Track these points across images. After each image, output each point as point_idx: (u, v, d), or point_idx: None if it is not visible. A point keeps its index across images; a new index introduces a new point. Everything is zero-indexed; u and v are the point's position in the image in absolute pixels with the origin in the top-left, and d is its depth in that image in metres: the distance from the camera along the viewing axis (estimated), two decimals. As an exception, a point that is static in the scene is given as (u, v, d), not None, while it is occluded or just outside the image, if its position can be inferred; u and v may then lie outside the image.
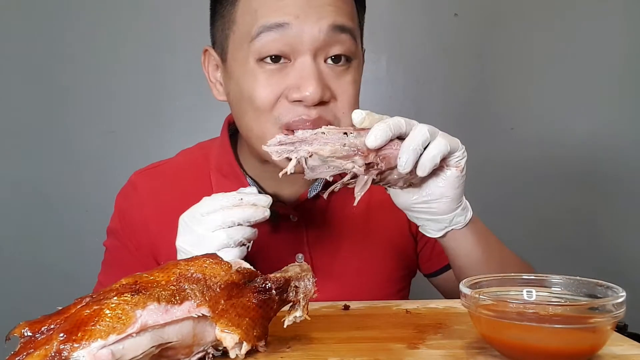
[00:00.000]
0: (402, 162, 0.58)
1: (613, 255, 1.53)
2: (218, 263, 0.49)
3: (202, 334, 0.47)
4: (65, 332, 0.41)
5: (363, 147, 0.58)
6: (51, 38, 1.47)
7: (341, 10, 0.67)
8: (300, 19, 0.64)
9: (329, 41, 0.66)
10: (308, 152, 0.58)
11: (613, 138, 1.53)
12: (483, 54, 1.52)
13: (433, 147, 0.59)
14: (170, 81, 1.49)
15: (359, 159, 0.58)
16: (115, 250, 0.82)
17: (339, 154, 0.58)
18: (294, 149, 0.58)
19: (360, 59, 0.74)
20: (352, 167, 0.59)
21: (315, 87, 0.65)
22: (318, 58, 0.67)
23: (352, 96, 0.70)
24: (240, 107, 0.71)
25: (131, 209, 0.81)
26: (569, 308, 0.49)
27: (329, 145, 0.58)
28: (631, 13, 1.50)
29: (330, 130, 0.59)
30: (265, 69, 0.67)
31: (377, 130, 0.57)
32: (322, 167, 0.59)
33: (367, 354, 0.51)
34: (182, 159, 0.86)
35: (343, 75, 0.69)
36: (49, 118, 1.48)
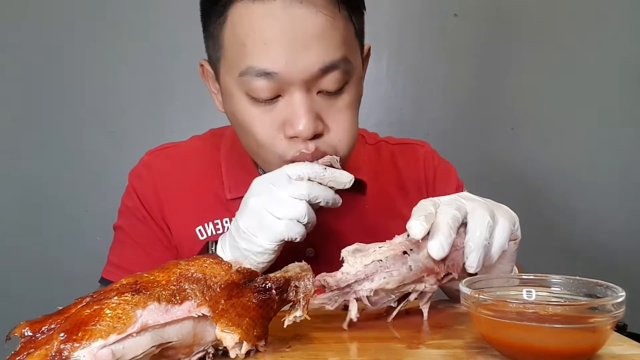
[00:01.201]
0: (471, 262, 0.53)
1: (613, 255, 1.53)
2: (218, 263, 0.49)
3: (202, 334, 0.47)
4: (65, 331, 0.41)
5: (429, 262, 0.52)
6: (51, 38, 1.47)
7: (330, 43, 0.64)
8: (288, 65, 0.62)
9: (320, 79, 0.65)
10: (371, 290, 0.51)
11: (613, 138, 1.53)
12: (483, 54, 1.52)
13: (499, 236, 0.55)
14: (170, 81, 1.49)
15: (430, 278, 0.52)
16: (132, 228, 0.81)
17: (408, 281, 0.51)
18: (351, 290, 0.51)
19: (359, 68, 0.72)
20: (424, 287, 0.53)
21: (307, 123, 0.64)
22: (310, 92, 0.66)
23: (347, 123, 0.69)
24: (241, 131, 0.71)
25: (146, 187, 0.81)
26: (568, 308, 0.49)
27: (394, 275, 0.51)
28: (633, 13, 1.50)
29: (387, 255, 0.51)
30: (257, 105, 0.66)
31: (441, 239, 0.51)
32: (386, 297, 0.53)
33: (367, 353, 0.51)
34: (194, 144, 0.87)
35: (336, 102, 0.68)
36: (49, 118, 1.48)
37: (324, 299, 0.52)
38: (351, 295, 0.51)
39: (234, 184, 0.79)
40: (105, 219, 1.48)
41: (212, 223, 0.79)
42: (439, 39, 1.50)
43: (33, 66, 1.47)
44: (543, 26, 1.50)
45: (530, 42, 1.51)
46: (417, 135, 1.48)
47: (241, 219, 0.64)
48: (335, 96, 0.67)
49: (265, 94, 0.64)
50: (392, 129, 1.49)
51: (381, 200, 0.84)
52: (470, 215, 0.54)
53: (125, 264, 0.79)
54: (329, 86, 0.65)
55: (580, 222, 1.54)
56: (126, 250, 0.81)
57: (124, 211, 0.83)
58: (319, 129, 0.66)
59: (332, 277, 0.52)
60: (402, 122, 1.50)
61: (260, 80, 0.63)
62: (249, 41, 0.63)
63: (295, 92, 0.64)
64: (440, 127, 1.51)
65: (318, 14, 0.62)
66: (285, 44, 0.62)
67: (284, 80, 0.63)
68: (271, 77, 0.63)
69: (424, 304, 0.56)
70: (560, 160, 1.53)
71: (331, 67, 0.64)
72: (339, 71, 0.65)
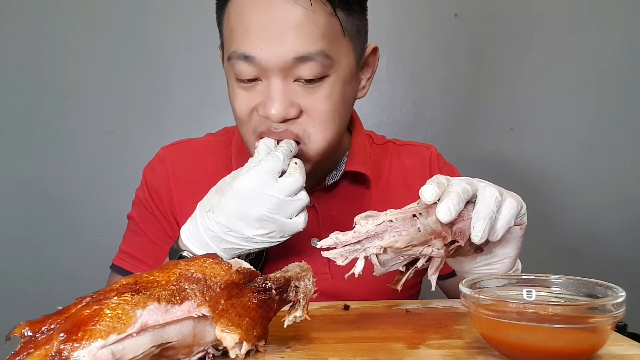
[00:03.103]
0: (476, 231, 0.54)
1: (613, 255, 1.53)
2: (218, 263, 0.49)
3: (202, 334, 0.47)
4: (65, 332, 0.41)
5: (437, 226, 0.53)
6: (51, 38, 1.47)
7: (306, 35, 0.67)
8: (264, 50, 0.67)
9: (295, 68, 0.68)
10: (380, 248, 0.52)
11: (613, 137, 1.53)
12: (483, 54, 1.52)
13: (506, 211, 0.56)
14: (170, 81, 1.49)
15: (437, 241, 0.53)
16: (142, 219, 0.85)
17: (416, 242, 0.53)
18: (361, 247, 0.53)
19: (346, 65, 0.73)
20: (431, 252, 0.54)
21: (278, 107, 0.69)
22: (287, 78, 0.69)
23: (323, 111, 0.71)
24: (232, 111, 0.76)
25: (157, 180, 0.85)
26: (568, 308, 0.49)
27: (403, 234, 0.52)
28: (632, 13, 1.50)
29: (397, 216, 0.53)
30: (241, 86, 0.72)
31: (449, 203, 0.53)
32: (396, 259, 0.54)
33: (367, 353, 0.51)
34: (208, 140, 0.91)
35: (314, 92, 0.70)
36: (49, 118, 1.48)
37: (335, 255, 0.53)
38: (361, 253, 0.53)
39: None
40: (105, 219, 1.50)
41: None
42: (439, 39, 1.50)
43: (33, 66, 1.47)
44: (543, 26, 1.50)
45: (530, 42, 1.51)
46: (417, 135, 1.49)
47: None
48: (313, 86, 0.70)
49: (246, 76, 0.70)
50: (392, 129, 1.49)
51: (386, 196, 0.85)
52: (480, 191, 0.56)
53: (134, 252, 0.84)
54: (305, 75, 0.69)
55: (580, 221, 1.54)
56: (136, 239, 0.85)
57: (136, 203, 0.87)
58: (290, 114, 0.70)
59: (344, 234, 0.53)
60: (402, 122, 1.50)
61: (241, 63, 0.69)
62: (236, 27, 0.70)
63: (272, 77, 0.69)
64: (440, 127, 1.51)
65: (295, 6, 0.67)
66: (264, 31, 0.67)
67: (262, 65, 0.68)
68: (250, 61, 0.69)
69: (432, 273, 0.56)
70: (560, 160, 1.52)
71: (306, 57, 0.68)
72: (315, 63, 0.68)
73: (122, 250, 0.85)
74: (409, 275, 0.56)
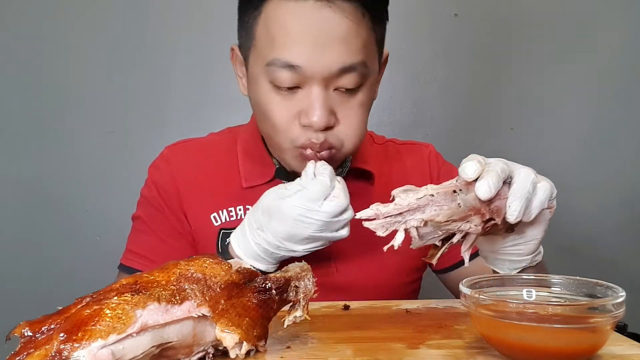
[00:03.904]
0: (513, 210, 0.55)
1: (613, 255, 1.53)
2: (218, 263, 0.49)
3: (202, 334, 0.47)
4: (65, 332, 0.41)
5: (476, 203, 0.54)
6: (51, 38, 1.47)
7: (351, 47, 0.69)
8: (310, 60, 0.68)
9: (338, 78, 0.71)
10: (421, 221, 0.53)
11: (612, 137, 1.53)
12: (483, 54, 1.52)
13: (541, 193, 0.57)
14: (170, 81, 1.49)
15: (476, 218, 0.54)
16: (150, 218, 0.85)
17: (456, 217, 0.54)
18: (402, 220, 0.53)
19: (375, 73, 0.77)
20: (469, 228, 0.54)
21: (320, 115, 0.70)
22: (327, 88, 0.71)
23: (356, 120, 0.74)
24: (260, 116, 0.76)
25: (164, 179, 0.85)
26: (568, 308, 0.49)
27: (444, 209, 0.53)
28: (632, 13, 1.50)
29: (438, 191, 0.54)
30: (279, 93, 0.72)
31: (489, 180, 0.54)
32: (434, 233, 0.55)
33: (367, 353, 0.51)
34: (212, 139, 0.92)
35: (350, 100, 0.73)
36: (49, 118, 1.48)
37: (376, 225, 0.54)
38: (401, 225, 0.53)
39: (249, 173, 0.84)
40: (105, 219, 1.50)
41: (227, 210, 0.83)
42: (439, 39, 1.50)
43: (33, 66, 1.47)
44: (543, 26, 1.50)
45: (530, 42, 1.51)
46: (417, 135, 1.49)
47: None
48: (350, 95, 0.73)
49: (287, 84, 0.70)
50: (392, 128, 1.49)
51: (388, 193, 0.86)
52: (516, 172, 0.57)
53: (143, 251, 0.83)
54: (346, 85, 0.71)
55: (580, 221, 1.54)
56: (144, 238, 0.84)
57: (142, 202, 0.87)
58: (330, 122, 0.72)
59: (385, 206, 0.54)
60: (402, 122, 1.50)
61: (284, 72, 0.69)
62: (278, 35, 0.69)
63: (314, 86, 0.70)
64: (440, 127, 1.51)
65: (344, 19, 0.68)
66: (311, 42, 0.68)
67: (306, 74, 0.69)
68: (294, 70, 0.69)
69: (465, 249, 0.57)
70: (560, 160, 1.52)
71: (350, 68, 0.70)
72: (356, 73, 0.71)
73: (130, 250, 0.85)
74: (444, 249, 0.57)
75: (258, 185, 0.82)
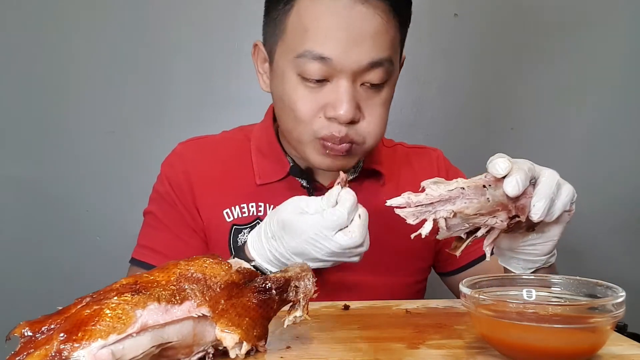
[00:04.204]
0: (537, 209, 0.57)
1: (613, 255, 1.53)
2: (218, 263, 0.49)
3: (202, 334, 0.47)
4: (65, 332, 0.41)
5: (504, 199, 0.56)
6: (51, 38, 1.47)
7: (381, 42, 0.72)
8: (342, 54, 0.71)
9: (366, 72, 0.73)
10: (451, 212, 0.55)
11: (612, 137, 1.53)
12: (483, 54, 1.52)
13: (564, 194, 0.59)
14: (170, 81, 1.49)
15: (502, 213, 0.56)
16: (164, 214, 0.85)
17: (484, 211, 0.55)
18: (432, 210, 0.55)
19: (396, 74, 0.79)
20: (495, 223, 0.56)
21: (347, 109, 0.71)
22: (355, 82, 0.73)
23: (379, 117, 0.76)
24: (282, 109, 0.77)
25: (177, 175, 0.85)
26: (568, 308, 0.49)
27: (474, 202, 0.55)
28: (633, 13, 1.50)
29: (469, 184, 0.56)
30: (306, 85, 0.73)
31: (518, 177, 0.55)
32: (460, 225, 0.56)
33: (367, 353, 0.51)
34: (224, 136, 0.93)
35: (375, 97, 0.75)
36: (49, 118, 1.48)
37: (407, 213, 0.56)
38: (431, 215, 0.55)
39: (263, 170, 0.85)
40: (105, 219, 1.50)
41: (239, 207, 0.83)
42: (439, 39, 1.50)
43: (33, 66, 1.47)
44: (542, 26, 1.50)
45: (529, 42, 1.51)
46: (417, 135, 1.49)
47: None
48: (375, 91, 0.75)
49: (316, 76, 0.72)
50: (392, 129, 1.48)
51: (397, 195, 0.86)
52: (541, 173, 0.59)
53: (155, 246, 0.83)
54: (372, 80, 0.73)
55: (580, 221, 1.53)
56: (156, 233, 0.85)
57: (155, 197, 0.87)
58: (356, 117, 0.74)
59: (416, 195, 0.56)
60: (402, 122, 1.50)
61: (314, 63, 0.71)
62: (311, 28, 0.71)
63: (342, 79, 0.72)
64: (440, 127, 1.51)
65: (375, 16, 0.71)
66: (344, 36, 0.70)
67: (336, 67, 0.71)
68: (325, 62, 0.71)
69: (489, 244, 0.58)
70: (560, 160, 1.52)
71: (378, 63, 0.72)
72: (383, 69, 0.73)
73: (142, 245, 0.85)
74: (469, 242, 0.58)
75: (272, 183, 0.83)
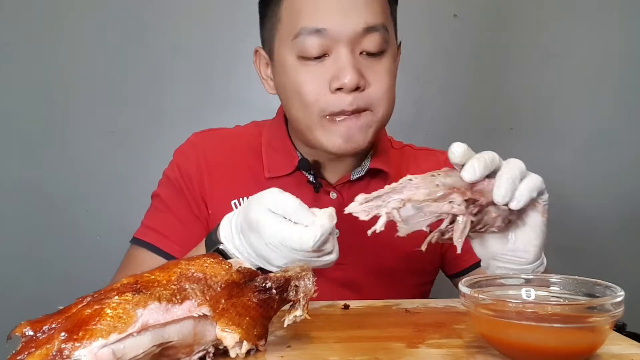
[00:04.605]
0: (499, 192, 0.55)
1: (612, 255, 1.53)
2: (219, 263, 0.49)
3: (202, 333, 0.47)
4: (66, 331, 0.41)
5: (456, 183, 0.55)
6: (51, 38, 1.47)
7: (373, 8, 0.75)
8: (336, 23, 0.73)
9: (363, 38, 0.75)
10: (400, 201, 0.54)
11: (612, 137, 1.53)
12: (483, 55, 1.52)
13: (530, 180, 0.57)
14: (170, 81, 1.49)
15: (456, 196, 0.54)
16: (170, 198, 0.87)
17: (435, 196, 0.54)
18: (383, 203, 0.54)
19: (394, 48, 0.81)
20: (451, 208, 0.54)
21: (352, 75, 0.73)
22: (354, 51, 0.75)
23: (385, 83, 0.78)
24: (288, 100, 0.79)
25: (189, 163, 0.87)
26: (567, 307, 0.49)
27: (420, 188, 0.54)
28: (631, 12, 1.50)
29: (417, 176, 0.55)
30: (307, 65, 0.75)
31: (474, 162, 0.55)
32: (417, 216, 0.55)
33: (367, 353, 0.51)
34: (237, 129, 0.95)
35: (376, 65, 0.77)
36: (49, 118, 1.48)
37: (359, 210, 0.56)
38: (382, 208, 0.55)
39: (272, 165, 0.86)
40: (105, 219, 1.50)
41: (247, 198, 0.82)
42: (439, 39, 1.51)
43: (33, 66, 1.48)
44: (542, 26, 1.51)
45: (529, 43, 1.51)
46: (417, 135, 1.49)
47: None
48: (376, 59, 0.77)
49: (315, 50, 0.74)
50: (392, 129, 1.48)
51: None
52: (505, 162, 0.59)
53: (158, 227, 0.85)
54: (370, 47, 0.75)
55: (579, 221, 1.54)
56: (161, 215, 0.86)
57: (164, 182, 0.89)
58: (361, 83, 0.75)
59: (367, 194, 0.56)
60: (402, 122, 1.50)
61: (312, 38, 0.74)
62: (303, 7, 0.75)
63: (341, 49, 0.74)
64: (440, 127, 1.51)
65: None
66: (335, 6, 0.74)
67: (333, 37, 0.74)
68: (321, 35, 0.73)
69: (458, 237, 0.56)
70: (560, 160, 1.53)
71: (373, 28, 0.75)
72: (379, 35, 0.75)
73: (145, 225, 0.87)
74: (432, 237, 0.57)
75: (280, 177, 0.84)
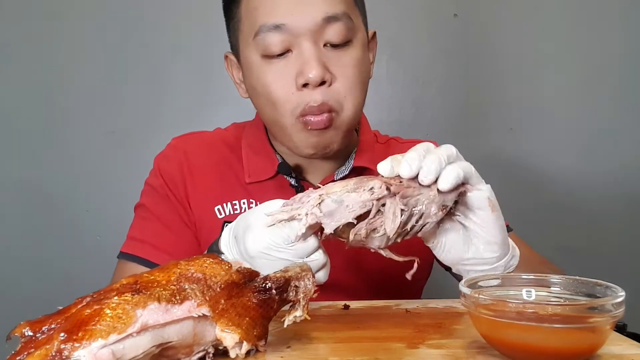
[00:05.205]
0: (425, 170, 0.54)
1: (613, 255, 1.53)
2: (218, 263, 0.49)
3: (202, 334, 0.47)
4: (66, 331, 0.41)
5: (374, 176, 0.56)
6: (51, 38, 1.47)
7: None
8: (294, 16, 0.71)
9: (324, 30, 0.72)
10: (318, 197, 0.54)
11: (612, 137, 1.53)
12: (482, 55, 1.52)
13: (458, 163, 0.57)
14: (170, 81, 1.49)
15: (375, 182, 0.55)
16: (156, 206, 0.85)
17: (350, 186, 0.55)
18: (302, 204, 0.54)
19: (363, 37, 0.78)
20: (371, 194, 0.54)
21: (317, 69, 0.71)
22: (317, 43, 0.73)
23: (353, 75, 0.75)
24: (259, 99, 0.77)
25: (171, 167, 0.86)
26: (568, 308, 0.49)
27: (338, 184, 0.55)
28: (630, 12, 1.50)
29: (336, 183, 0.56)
30: (272, 63, 0.73)
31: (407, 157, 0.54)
32: (340, 210, 0.54)
33: (367, 353, 0.51)
34: (218, 132, 0.93)
35: (343, 56, 0.74)
36: (49, 118, 1.49)
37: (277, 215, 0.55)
38: (302, 209, 0.55)
39: (253, 169, 0.84)
40: (105, 219, 1.50)
41: (231, 203, 0.83)
42: (439, 39, 1.50)
43: (33, 66, 1.48)
44: (543, 26, 1.51)
45: (530, 42, 1.51)
46: (417, 135, 1.48)
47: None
48: (341, 49, 0.74)
49: (277, 47, 0.72)
50: (392, 128, 1.49)
51: None
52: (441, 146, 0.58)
53: (145, 238, 0.82)
54: (333, 38, 0.73)
55: (579, 221, 1.54)
56: (147, 224, 0.84)
57: (147, 190, 0.87)
58: (326, 77, 0.72)
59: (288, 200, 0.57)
60: (402, 122, 1.50)
61: (272, 35, 0.71)
62: (260, 4, 0.73)
63: (303, 43, 0.72)
64: (440, 127, 1.51)
65: None
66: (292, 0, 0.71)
67: (292, 31, 0.71)
68: (281, 30, 0.71)
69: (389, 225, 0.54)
70: (560, 160, 1.53)
71: (333, 18, 0.72)
72: (342, 24, 0.73)
73: (132, 238, 0.84)
74: (359, 230, 0.55)
75: (261, 181, 0.83)
